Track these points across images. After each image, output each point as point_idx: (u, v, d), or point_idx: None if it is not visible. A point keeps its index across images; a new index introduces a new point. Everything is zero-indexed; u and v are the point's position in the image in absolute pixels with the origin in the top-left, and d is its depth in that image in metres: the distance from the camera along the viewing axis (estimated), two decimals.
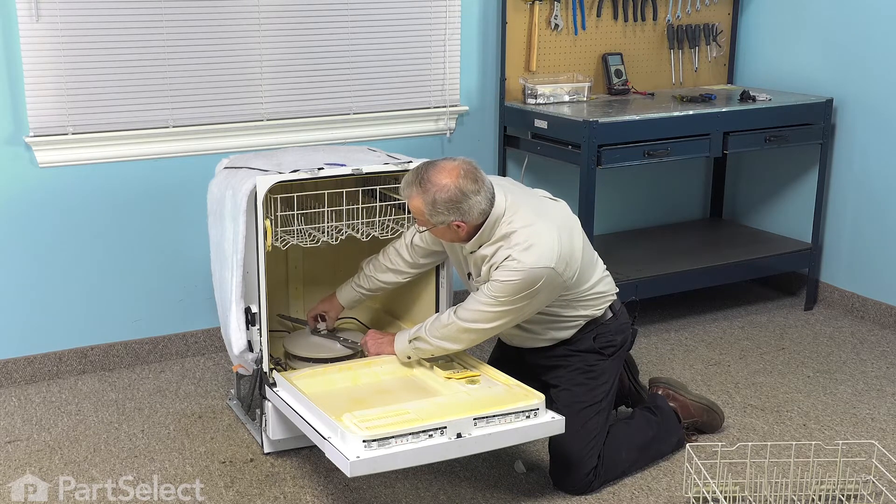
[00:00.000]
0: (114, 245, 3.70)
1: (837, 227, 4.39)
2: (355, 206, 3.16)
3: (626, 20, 4.38)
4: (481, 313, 2.83)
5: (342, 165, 3.05)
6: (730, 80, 4.69)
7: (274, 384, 3.01)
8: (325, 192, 3.09)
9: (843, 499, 2.84)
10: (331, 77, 3.89)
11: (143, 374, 3.75)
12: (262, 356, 3.00)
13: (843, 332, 4.18)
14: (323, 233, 3.12)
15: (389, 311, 3.60)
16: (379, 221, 3.20)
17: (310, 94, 3.87)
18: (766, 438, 3.26)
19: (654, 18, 4.45)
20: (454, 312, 2.89)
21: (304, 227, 3.11)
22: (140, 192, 3.69)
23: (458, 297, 4.20)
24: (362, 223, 3.18)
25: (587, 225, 3.67)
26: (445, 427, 2.58)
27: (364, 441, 2.50)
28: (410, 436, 2.55)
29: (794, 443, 3.12)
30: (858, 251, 4.33)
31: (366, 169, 3.04)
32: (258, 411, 3.11)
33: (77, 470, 3.04)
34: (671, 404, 3.20)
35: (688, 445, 3.03)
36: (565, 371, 2.99)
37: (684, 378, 3.69)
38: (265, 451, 3.13)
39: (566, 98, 4.16)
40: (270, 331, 3.10)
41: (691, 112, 3.98)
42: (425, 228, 2.87)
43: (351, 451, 2.50)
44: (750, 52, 4.65)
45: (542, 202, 2.94)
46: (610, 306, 3.03)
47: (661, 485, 2.98)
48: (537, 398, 2.75)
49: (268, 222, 2.94)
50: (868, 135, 4.21)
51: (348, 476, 2.54)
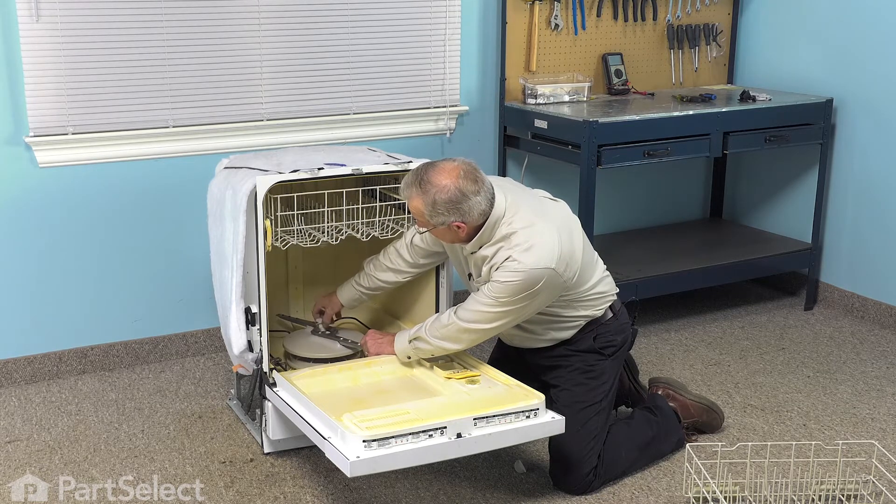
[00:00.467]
0: (114, 245, 3.70)
1: (837, 227, 4.39)
2: (355, 206, 3.16)
3: (626, 20, 4.38)
4: (481, 314, 2.83)
5: (342, 165, 3.05)
6: (730, 80, 4.69)
7: (274, 384, 3.01)
8: (325, 192, 3.09)
9: (843, 499, 2.84)
10: (331, 77, 3.89)
11: (143, 374, 3.75)
12: (262, 356, 3.00)
13: (843, 332, 4.18)
14: (323, 233, 3.12)
15: (389, 311, 3.60)
16: (379, 221, 3.20)
17: (310, 94, 3.87)
18: (766, 438, 3.25)
19: (654, 18, 4.45)
20: (454, 313, 2.89)
21: (304, 227, 3.11)
22: (140, 193, 3.69)
23: (458, 297, 4.20)
24: (362, 223, 3.18)
25: (587, 225, 3.67)
26: (445, 427, 2.58)
27: (364, 441, 2.50)
28: (410, 436, 2.55)
29: (794, 443, 3.12)
30: (858, 251, 4.32)
31: (366, 169, 3.04)
32: (258, 411, 3.11)
33: (77, 470, 3.04)
34: (671, 404, 3.20)
35: (688, 445, 3.03)
36: (565, 371, 2.99)
37: (684, 378, 3.69)
38: (265, 451, 3.13)
39: (566, 98, 4.16)
40: (270, 331, 3.10)
41: (691, 112, 3.98)
42: (425, 229, 2.87)
43: (351, 451, 2.50)
44: (750, 52, 4.65)
45: (542, 202, 2.94)
46: (610, 306, 3.03)
47: (661, 485, 2.98)
48: (537, 398, 2.75)
49: (268, 222, 2.94)
50: (868, 135, 4.21)
51: (348, 476, 2.54)
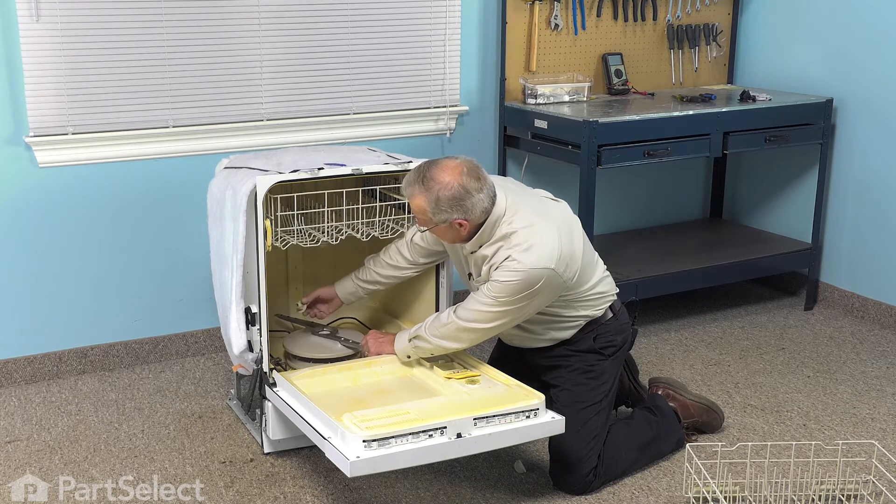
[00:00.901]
0: (114, 245, 3.70)
1: (837, 227, 4.39)
2: (355, 206, 3.16)
3: (626, 20, 4.38)
4: (481, 313, 2.83)
5: (342, 165, 3.05)
6: (730, 80, 4.69)
7: (274, 384, 3.01)
8: (325, 192, 3.09)
9: (843, 499, 2.84)
10: (331, 77, 3.89)
11: (143, 374, 3.75)
12: (262, 356, 3.00)
13: (843, 332, 4.18)
14: (323, 233, 3.12)
15: (389, 310, 3.59)
16: (379, 221, 3.20)
17: (310, 94, 3.87)
18: (766, 438, 3.25)
19: (654, 18, 4.45)
20: (454, 312, 2.89)
21: (304, 227, 3.11)
22: (140, 192, 3.69)
23: (458, 297, 4.20)
24: (362, 223, 3.18)
25: (587, 225, 3.67)
26: (445, 427, 2.58)
27: (364, 441, 2.50)
28: (410, 436, 2.55)
29: (794, 443, 3.13)
30: (858, 251, 4.32)
31: (366, 169, 3.04)
32: (258, 411, 3.11)
33: (77, 470, 3.04)
34: (671, 404, 3.20)
35: (688, 445, 3.03)
36: (565, 371, 2.99)
37: (684, 378, 3.69)
38: (265, 451, 3.13)
39: (566, 98, 4.15)
40: (270, 331, 3.10)
41: (691, 112, 3.98)
42: (427, 228, 2.87)
43: (351, 451, 2.50)
44: (750, 52, 4.65)
45: (542, 202, 2.94)
46: (610, 306, 3.03)
47: (661, 485, 2.98)
48: (537, 398, 2.75)
49: (268, 222, 2.94)
50: (868, 135, 4.21)
51: (348, 476, 2.54)
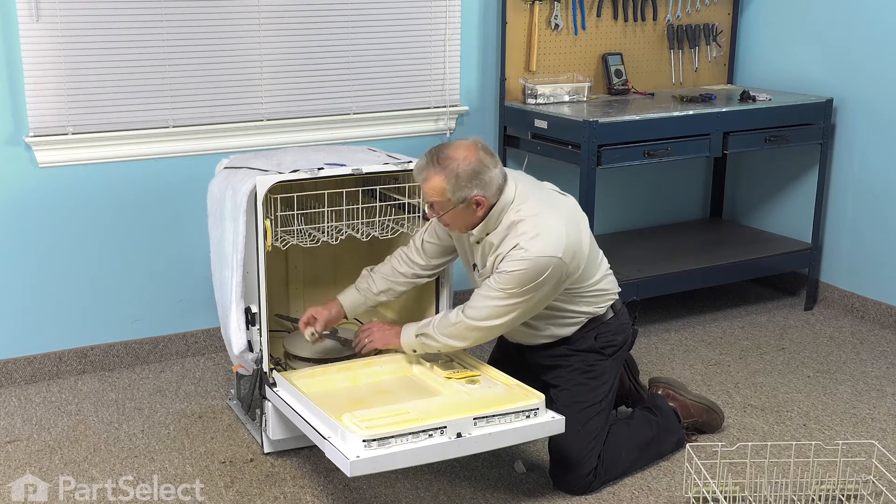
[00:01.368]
0: (114, 245, 3.70)
1: (837, 227, 4.39)
2: (355, 206, 3.16)
3: (626, 20, 4.38)
4: (489, 308, 2.81)
5: (342, 165, 3.05)
6: (730, 80, 4.69)
7: (274, 384, 3.01)
8: (325, 192, 3.09)
9: (843, 499, 2.84)
10: (331, 77, 3.89)
11: (143, 374, 3.75)
12: (262, 356, 3.00)
13: (843, 332, 4.18)
14: (323, 233, 3.12)
15: (389, 308, 3.59)
16: (379, 221, 3.20)
17: (310, 94, 3.87)
18: (766, 438, 3.25)
19: (654, 18, 4.45)
20: (462, 311, 2.88)
21: (304, 227, 3.11)
22: (140, 192, 3.69)
23: (458, 297, 4.20)
24: (362, 223, 3.18)
25: None
26: (445, 427, 2.58)
27: (364, 441, 2.50)
28: (410, 435, 2.55)
29: (794, 443, 3.12)
30: (858, 251, 4.32)
31: (366, 169, 3.04)
32: (258, 411, 3.11)
33: (77, 470, 3.04)
34: (671, 404, 3.20)
35: (688, 445, 3.03)
36: (566, 371, 2.99)
37: (684, 378, 3.69)
38: (265, 451, 3.13)
39: (566, 98, 4.15)
40: (270, 331, 3.10)
41: (691, 112, 3.98)
42: (442, 213, 2.82)
43: (351, 451, 2.50)
44: (750, 52, 4.65)
45: (550, 195, 2.95)
46: (611, 305, 3.03)
47: (661, 485, 2.98)
48: (537, 398, 2.75)
49: (268, 222, 2.94)
50: (868, 135, 4.21)
51: (348, 476, 2.54)
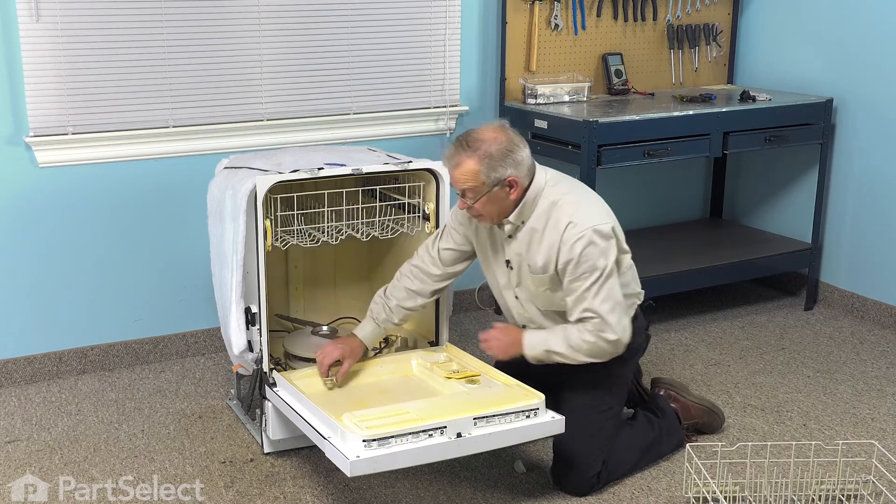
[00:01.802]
0: (114, 245, 3.70)
1: (837, 227, 4.39)
2: (355, 206, 3.16)
3: (626, 20, 4.38)
4: (601, 304, 2.72)
5: (342, 165, 3.05)
6: (730, 80, 4.69)
7: (274, 384, 3.01)
8: (325, 192, 3.09)
9: (843, 499, 2.83)
10: (331, 77, 3.89)
11: (143, 374, 3.75)
12: (262, 356, 3.00)
13: (843, 332, 4.18)
14: (323, 233, 3.12)
15: None
16: (379, 221, 3.20)
17: (310, 94, 3.87)
18: (766, 438, 3.25)
19: (654, 18, 4.45)
20: (587, 333, 2.73)
21: (304, 227, 3.11)
22: (140, 192, 3.69)
23: (458, 298, 4.21)
24: (362, 223, 3.18)
25: None
26: (445, 427, 2.58)
27: (364, 441, 2.50)
28: (410, 435, 2.55)
29: (794, 443, 3.12)
30: (858, 251, 4.32)
31: (366, 169, 3.04)
32: (258, 411, 3.11)
33: (77, 470, 3.04)
34: (672, 405, 3.20)
35: (688, 445, 3.03)
36: (583, 373, 2.91)
37: (684, 378, 3.69)
38: (265, 451, 3.13)
39: (566, 98, 4.15)
40: (270, 331, 3.10)
41: (691, 112, 3.98)
42: (475, 200, 2.76)
43: (351, 451, 2.50)
44: (750, 52, 4.65)
45: (578, 182, 3.00)
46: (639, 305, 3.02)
47: (661, 485, 2.98)
48: (537, 398, 2.75)
49: (268, 222, 2.94)
50: (868, 135, 4.21)
51: (348, 476, 2.54)
